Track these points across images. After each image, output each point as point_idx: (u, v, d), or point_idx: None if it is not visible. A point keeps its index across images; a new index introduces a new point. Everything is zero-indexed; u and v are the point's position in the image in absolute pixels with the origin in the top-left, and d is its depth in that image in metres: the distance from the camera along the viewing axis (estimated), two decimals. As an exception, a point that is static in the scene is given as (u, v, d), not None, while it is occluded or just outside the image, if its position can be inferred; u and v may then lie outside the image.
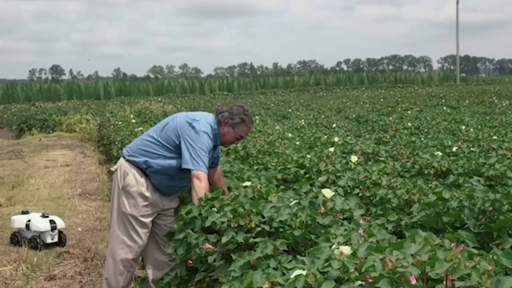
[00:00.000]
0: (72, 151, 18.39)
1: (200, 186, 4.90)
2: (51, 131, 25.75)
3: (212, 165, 5.34)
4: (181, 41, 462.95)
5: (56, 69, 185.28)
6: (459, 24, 75.84)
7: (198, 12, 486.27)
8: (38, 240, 7.47)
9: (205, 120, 5.16)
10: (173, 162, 5.10)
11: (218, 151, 5.49)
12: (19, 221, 7.78)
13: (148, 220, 5.21)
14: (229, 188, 5.51)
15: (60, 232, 7.70)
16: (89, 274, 6.62)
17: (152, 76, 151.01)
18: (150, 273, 5.41)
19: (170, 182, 5.17)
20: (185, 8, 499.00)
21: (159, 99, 48.02)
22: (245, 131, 5.21)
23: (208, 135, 5.05)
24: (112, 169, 5.52)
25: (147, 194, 5.17)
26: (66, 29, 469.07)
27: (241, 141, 5.50)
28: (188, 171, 4.96)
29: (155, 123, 5.54)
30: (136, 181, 5.17)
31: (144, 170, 5.17)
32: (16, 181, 12.67)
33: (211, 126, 5.14)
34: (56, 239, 7.61)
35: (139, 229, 5.19)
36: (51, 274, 6.57)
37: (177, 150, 5.07)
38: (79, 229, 8.53)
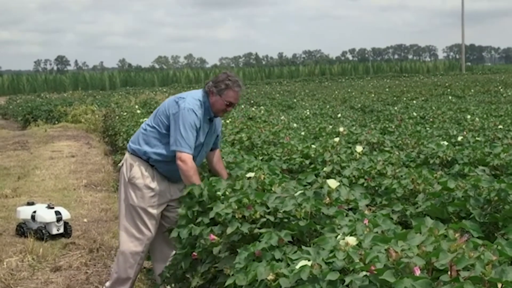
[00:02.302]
0: (78, 142, 18.42)
1: (186, 169, 4.94)
2: (56, 122, 25.78)
3: (213, 146, 5.40)
4: (186, 31, 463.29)
5: (61, 60, 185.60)
6: (465, 12, 75.61)
7: (203, 3, 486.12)
8: (43, 231, 7.49)
9: (192, 96, 5.15)
10: (168, 148, 5.10)
11: (217, 128, 5.43)
12: (24, 212, 7.80)
13: (156, 211, 5.20)
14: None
15: (65, 223, 7.72)
16: (94, 265, 6.64)
17: (157, 66, 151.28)
18: (157, 266, 5.41)
19: (174, 166, 5.13)
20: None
21: (164, 90, 47.94)
22: (232, 96, 5.12)
23: (194, 112, 5.02)
24: (120, 164, 5.53)
25: (153, 185, 5.17)
26: (71, 20, 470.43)
27: (234, 107, 5.32)
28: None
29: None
30: (141, 173, 5.17)
31: (147, 161, 5.18)
32: (22, 172, 12.70)
33: (200, 101, 5.13)
34: (61, 230, 7.63)
35: (147, 220, 5.19)
36: (57, 265, 6.59)
37: (169, 133, 5.09)
38: (85, 220, 8.56)
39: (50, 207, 7.76)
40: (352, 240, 2.94)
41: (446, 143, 7.43)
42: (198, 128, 5.06)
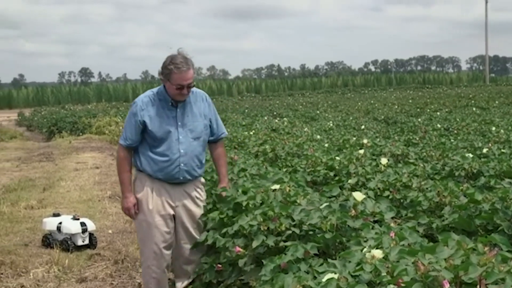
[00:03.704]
0: (102, 154, 18.50)
1: (116, 157, 5.30)
2: (80, 134, 25.95)
3: (213, 137, 5.33)
4: (208, 43, 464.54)
5: (85, 72, 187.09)
6: (488, 23, 75.07)
7: (225, 14, 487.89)
8: (69, 242, 7.52)
9: (149, 90, 5.24)
10: (141, 145, 5.19)
11: (198, 111, 5.23)
12: (50, 224, 7.84)
13: (157, 221, 5.12)
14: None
15: (90, 234, 7.75)
16: (119, 276, 6.65)
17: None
18: (177, 281, 5.40)
19: (158, 163, 5.11)
20: (212, 10, 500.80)
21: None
22: (180, 78, 4.91)
23: (136, 102, 5.11)
24: None
25: (151, 196, 5.14)
26: (95, 32, 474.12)
27: (190, 88, 5.03)
28: (155, 141, 5.10)
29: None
30: (141, 185, 5.22)
31: (140, 169, 5.20)
32: (47, 184, 12.78)
33: (153, 91, 5.15)
34: (87, 241, 7.66)
35: (150, 233, 5.14)
36: (83, 276, 6.62)
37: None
38: (110, 231, 8.58)
39: (75, 218, 7.79)
40: (378, 253, 2.94)
41: (471, 155, 7.39)
42: (142, 117, 5.03)
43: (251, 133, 12.84)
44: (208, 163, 6.07)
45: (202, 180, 5.41)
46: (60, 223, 7.73)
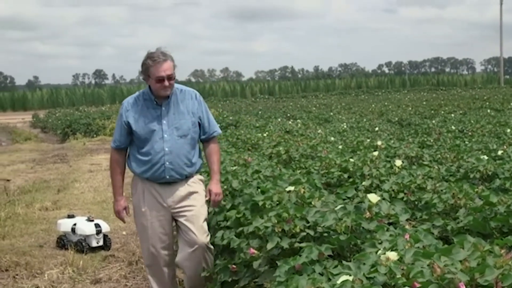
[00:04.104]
0: (116, 155, 18.56)
1: (109, 159, 5.30)
2: (95, 135, 26.08)
3: (205, 135, 5.25)
4: (222, 45, 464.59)
5: (99, 74, 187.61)
6: (503, 25, 74.79)
7: (238, 16, 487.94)
8: (83, 243, 7.56)
9: (136, 92, 5.24)
10: (131, 147, 5.22)
11: (186, 109, 5.13)
12: (65, 225, 7.88)
13: (151, 223, 5.15)
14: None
15: (105, 236, 7.78)
16: (134, 278, 6.67)
17: (193, 80, 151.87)
18: (186, 281, 5.40)
19: (144, 163, 5.11)
20: (226, 12, 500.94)
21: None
22: (157, 71, 4.87)
23: (123, 104, 5.15)
24: None
25: (143, 199, 5.18)
26: (109, 34, 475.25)
27: (171, 79, 4.93)
28: (141, 141, 5.09)
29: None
30: (135, 188, 5.28)
31: (133, 171, 5.23)
32: (62, 185, 12.85)
33: (139, 92, 5.17)
34: (101, 243, 7.69)
35: (144, 234, 5.20)
36: (97, 278, 6.64)
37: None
38: (124, 232, 8.61)
39: (90, 219, 7.83)
40: (393, 255, 2.93)
41: (486, 157, 7.34)
42: (126, 118, 5.06)
43: (265, 134, 12.85)
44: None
45: (200, 176, 5.34)
46: (75, 224, 7.77)
